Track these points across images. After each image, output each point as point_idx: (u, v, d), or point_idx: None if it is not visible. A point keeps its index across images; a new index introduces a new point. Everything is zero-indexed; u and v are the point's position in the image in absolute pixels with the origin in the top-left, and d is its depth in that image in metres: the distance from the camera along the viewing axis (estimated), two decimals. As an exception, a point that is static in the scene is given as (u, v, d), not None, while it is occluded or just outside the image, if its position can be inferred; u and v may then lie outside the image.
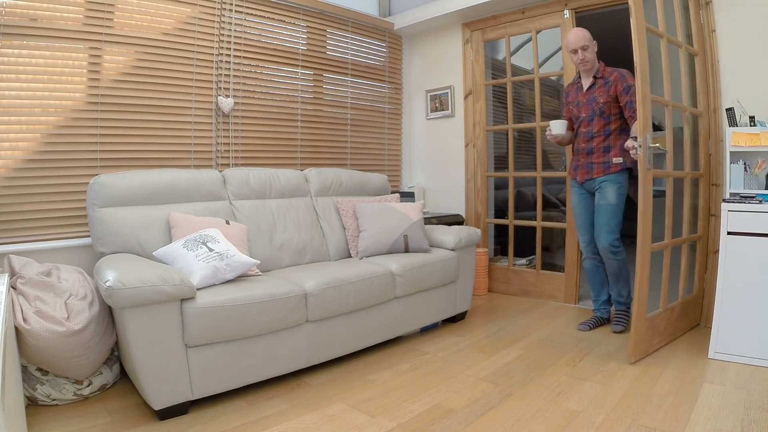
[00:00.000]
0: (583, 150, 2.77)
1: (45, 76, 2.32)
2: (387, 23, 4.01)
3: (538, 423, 1.77)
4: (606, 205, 2.67)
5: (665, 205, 2.55)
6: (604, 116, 2.68)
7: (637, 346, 2.32)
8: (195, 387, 1.86)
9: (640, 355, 2.35)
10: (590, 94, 2.72)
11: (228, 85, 3.03)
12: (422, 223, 2.94)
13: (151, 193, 2.36)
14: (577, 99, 2.79)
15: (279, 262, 2.63)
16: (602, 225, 2.68)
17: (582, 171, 2.79)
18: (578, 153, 2.82)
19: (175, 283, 1.77)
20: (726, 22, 2.65)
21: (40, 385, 1.87)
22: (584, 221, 2.84)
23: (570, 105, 2.85)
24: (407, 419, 1.82)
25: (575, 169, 2.84)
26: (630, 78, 2.59)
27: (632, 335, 2.31)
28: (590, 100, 2.72)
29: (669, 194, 2.51)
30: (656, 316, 2.46)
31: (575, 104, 2.80)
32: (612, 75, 2.65)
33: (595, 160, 2.72)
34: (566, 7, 3.27)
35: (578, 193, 2.85)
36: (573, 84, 2.86)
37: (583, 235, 2.86)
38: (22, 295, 1.85)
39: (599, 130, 2.70)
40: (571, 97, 2.83)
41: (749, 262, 2.24)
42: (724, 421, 1.73)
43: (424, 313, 2.75)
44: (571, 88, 2.86)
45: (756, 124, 2.42)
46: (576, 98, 2.80)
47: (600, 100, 2.67)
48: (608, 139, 2.70)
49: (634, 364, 2.29)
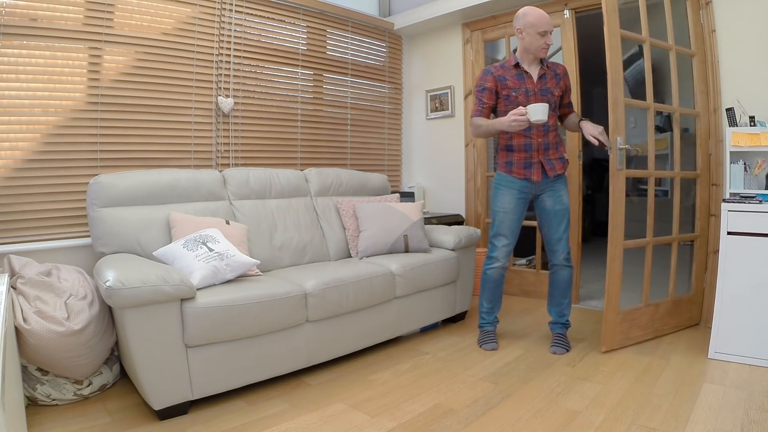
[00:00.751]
0: (540, 145, 2.47)
1: (45, 76, 2.32)
2: (387, 23, 4.01)
3: (538, 423, 1.77)
4: (564, 210, 2.50)
5: (655, 204, 2.57)
6: (556, 110, 2.49)
7: (607, 336, 2.44)
8: (195, 387, 1.86)
9: (614, 345, 2.47)
10: (542, 84, 2.46)
11: (228, 85, 3.03)
12: (422, 223, 2.94)
13: (151, 193, 2.36)
14: (524, 86, 2.45)
15: (279, 262, 2.63)
16: (561, 232, 2.51)
17: (537, 169, 2.48)
18: (529, 150, 2.47)
19: (175, 283, 1.77)
20: (726, 22, 2.65)
21: (40, 385, 1.87)
22: (515, 227, 2.54)
23: (510, 91, 2.46)
24: (407, 419, 1.82)
25: (527, 167, 2.49)
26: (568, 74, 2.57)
27: (603, 325, 2.44)
28: (545, 91, 2.46)
29: (651, 194, 2.64)
30: (635, 309, 2.56)
31: (521, 92, 2.45)
32: (558, 68, 2.50)
33: (552, 156, 2.49)
34: (566, 7, 3.27)
35: (516, 197, 2.51)
36: (506, 68, 2.48)
37: (509, 243, 2.54)
38: (22, 295, 1.85)
39: (552, 124, 2.49)
40: (511, 82, 2.45)
41: (749, 262, 2.24)
42: (724, 421, 1.73)
43: (424, 313, 2.75)
44: (505, 72, 2.47)
45: (756, 124, 2.42)
46: (521, 85, 2.45)
47: (555, 92, 2.47)
48: (557, 135, 2.54)
49: (607, 353, 2.37)
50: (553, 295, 2.62)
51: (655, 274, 2.73)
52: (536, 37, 2.37)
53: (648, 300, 2.62)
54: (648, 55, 2.55)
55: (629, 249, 2.49)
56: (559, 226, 2.51)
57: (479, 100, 2.52)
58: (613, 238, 2.42)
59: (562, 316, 2.59)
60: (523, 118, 2.26)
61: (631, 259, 3.20)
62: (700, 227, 2.81)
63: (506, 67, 2.48)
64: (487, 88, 2.49)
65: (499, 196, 2.56)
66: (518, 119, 2.27)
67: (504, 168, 2.56)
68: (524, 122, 2.27)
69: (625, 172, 2.41)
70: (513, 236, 2.55)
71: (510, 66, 2.47)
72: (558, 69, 2.50)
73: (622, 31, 2.38)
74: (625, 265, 2.47)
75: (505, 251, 2.55)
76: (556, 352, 2.49)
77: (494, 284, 2.60)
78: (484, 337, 2.63)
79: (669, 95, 2.70)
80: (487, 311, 2.65)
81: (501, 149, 2.58)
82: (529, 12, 2.39)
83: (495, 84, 2.48)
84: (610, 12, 2.32)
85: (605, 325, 2.44)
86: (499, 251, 2.55)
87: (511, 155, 2.52)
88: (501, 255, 2.55)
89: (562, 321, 2.60)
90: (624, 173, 2.40)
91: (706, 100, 2.74)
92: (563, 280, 2.56)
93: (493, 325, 2.67)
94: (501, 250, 2.55)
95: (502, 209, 2.54)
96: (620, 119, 2.39)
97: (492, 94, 2.49)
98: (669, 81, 2.66)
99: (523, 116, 2.26)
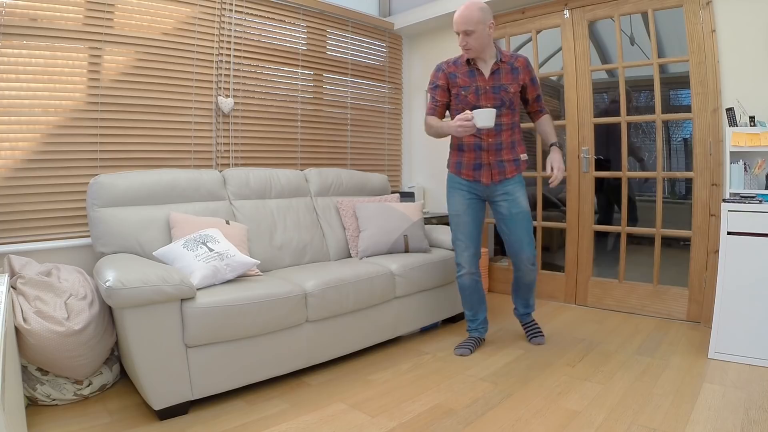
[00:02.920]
0: (491, 146, 2.36)
1: (45, 76, 2.32)
2: (387, 23, 4.01)
3: (538, 423, 1.77)
4: (523, 213, 2.40)
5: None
6: (512, 108, 2.36)
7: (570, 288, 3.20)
8: (195, 387, 1.86)
9: (580, 301, 3.25)
10: (495, 80, 2.31)
11: (228, 85, 3.03)
12: (422, 223, 2.94)
13: (151, 193, 2.36)
14: (475, 84, 2.32)
15: (279, 262, 2.63)
16: (524, 236, 2.41)
17: (487, 171, 2.38)
18: (478, 150, 2.37)
19: (175, 283, 1.77)
20: (726, 22, 2.65)
21: (40, 385, 1.87)
22: (472, 230, 2.42)
23: (460, 89, 2.35)
24: (407, 419, 1.82)
25: (476, 168, 2.39)
26: (532, 68, 2.42)
27: (565, 276, 3.23)
28: (497, 88, 2.32)
29: (624, 191, 3.14)
30: (608, 282, 3.19)
31: (471, 90, 2.32)
32: (517, 60, 2.35)
33: (505, 158, 2.38)
34: (566, 7, 3.27)
35: (467, 198, 2.42)
36: (458, 65, 2.35)
37: (468, 247, 2.42)
38: (22, 295, 1.85)
39: (508, 123, 2.37)
40: (461, 80, 2.34)
41: (749, 262, 2.24)
42: (724, 421, 1.73)
43: (424, 313, 2.75)
44: (456, 69, 2.35)
45: (756, 124, 2.42)
46: (471, 83, 2.33)
47: (510, 89, 2.33)
48: (514, 134, 2.41)
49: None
50: (518, 293, 2.63)
51: (645, 270, 3.07)
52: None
53: (624, 279, 3.14)
54: (623, 81, 3.04)
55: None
56: (519, 231, 2.41)
57: (432, 98, 2.42)
58: (582, 222, 3.30)
59: (530, 306, 2.66)
60: (469, 124, 2.13)
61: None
62: (696, 226, 2.82)
63: (458, 63, 2.37)
64: (439, 85, 2.39)
65: (450, 198, 2.48)
66: (464, 125, 2.14)
67: (453, 168, 2.47)
68: (471, 128, 2.14)
69: (593, 174, 3.20)
70: (471, 240, 2.43)
71: (462, 62, 2.35)
72: (516, 62, 2.36)
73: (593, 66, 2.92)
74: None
75: (466, 256, 2.43)
76: (540, 342, 2.59)
77: (469, 291, 2.50)
78: (463, 341, 2.58)
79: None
80: (470, 318, 2.60)
81: (452, 148, 2.50)
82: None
83: (446, 81, 2.37)
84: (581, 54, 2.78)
85: (567, 276, 3.24)
86: (461, 257, 2.45)
87: (461, 155, 2.44)
88: (464, 261, 2.44)
89: (529, 310, 2.66)
90: (591, 175, 3.21)
91: (705, 100, 2.74)
92: (529, 282, 2.53)
93: (478, 330, 2.59)
94: (462, 256, 2.44)
95: (455, 212, 2.46)
96: (586, 135, 3.20)
97: (444, 92, 2.39)
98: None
99: (470, 122, 2.13)
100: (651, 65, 2.95)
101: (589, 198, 3.22)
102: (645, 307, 3.07)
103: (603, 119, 3.29)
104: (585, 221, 3.25)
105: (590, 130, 3.24)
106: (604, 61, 3.74)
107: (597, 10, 3.15)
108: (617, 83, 3.11)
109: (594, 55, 3.30)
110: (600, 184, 3.97)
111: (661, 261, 3.00)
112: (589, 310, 3.24)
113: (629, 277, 3.15)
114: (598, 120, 3.27)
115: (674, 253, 3.42)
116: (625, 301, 3.15)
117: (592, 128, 3.23)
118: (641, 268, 3.18)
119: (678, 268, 3.08)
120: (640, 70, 3.22)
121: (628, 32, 3.79)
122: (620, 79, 3.06)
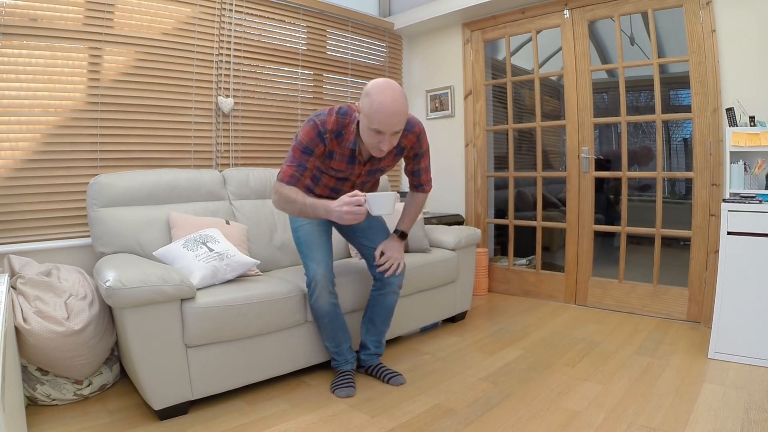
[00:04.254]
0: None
1: (45, 76, 2.32)
2: (387, 23, 4.01)
3: (538, 423, 1.77)
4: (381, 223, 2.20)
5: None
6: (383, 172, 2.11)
7: (570, 288, 3.21)
8: (195, 387, 1.86)
9: (580, 301, 3.26)
10: (373, 165, 2.00)
11: (228, 85, 3.03)
12: (422, 223, 2.94)
13: (151, 193, 2.36)
14: (350, 171, 1.96)
15: (279, 262, 2.63)
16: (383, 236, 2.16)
17: None
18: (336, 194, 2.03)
19: (175, 283, 1.77)
20: (726, 22, 2.65)
21: (40, 385, 1.87)
22: (324, 247, 2.05)
23: (330, 169, 1.95)
24: (407, 419, 1.82)
25: None
26: (425, 137, 2.01)
27: (565, 276, 3.28)
28: (372, 172, 2.04)
29: (624, 192, 3.15)
30: (608, 282, 3.20)
31: (344, 171, 1.96)
32: (406, 138, 1.93)
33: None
34: (566, 7, 3.27)
35: (308, 222, 2.07)
36: (341, 144, 1.87)
37: (319, 265, 1.99)
38: (22, 295, 1.85)
39: (373, 185, 2.18)
40: (337, 163, 1.92)
41: (749, 262, 2.24)
42: (724, 421, 1.73)
43: (424, 313, 2.75)
44: (338, 148, 1.88)
45: (756, 124, 2.42)
46: (348, 170, 1.95)
47: (385, 169, 2.07)
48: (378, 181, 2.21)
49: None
50: (374, 322, 2.17)
51: (644, 271, 3.10)
52: (368, 132, 1.76)
53: (624, 280, 3.15)
54: (623, 81, 3.02)
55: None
56: (380, 237, 2.13)
57: (297, 162, 1.84)
58: (582, 222, 3.30)
59: (380, 346, 2.23)
60: (361, 210, 1.72)
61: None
62: (696, 227, 2.83)
63: (342, 142, 1.87)
64: (314, 153, 1.85)
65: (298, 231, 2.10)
66: (354, 211, 1.71)
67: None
68: (362, 215, 1.73)
69: (593, 174, 3.23)
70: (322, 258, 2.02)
71: (347, 144, 1.87)
72: (404, 140, 1.93)
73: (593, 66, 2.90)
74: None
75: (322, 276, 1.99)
76: (402, 382, 2.12)
77: (330, 317, 2.06)
78: (338, 380, 2.09)
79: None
80: (335, 350, 2.14)
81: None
82: (373, 91, 1.71)
83: (322, 153, 1.89)
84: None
85: (567, 275, 3.28)
86: (318, 277, 2.00)
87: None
88: (321, 281, 2.00)
89: (380, 351, 2.24)
90: (591, 175, 3.24)
91: (705, 100, 2.74)
92: (390, 306, 2.16)
93: (350, 363, 2.15)
94: (319, 277, 2.00)
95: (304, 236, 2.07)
96: (586, 135, 3.23)
97: (314, 160, 1.89)
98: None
99: (362, 207, 1.72)
100: (651, 65, 2.95)
101: (589, 198, 3.25)
102: (645, 307, 3.07)
103: (603, 119, 3.31)
104: (585, 221, 3.27)
105: (590, 130, 3.24)
106: (604, 61, 3.75)
107: (597, 10, 3.15)
108: (617, 83, 3.11)
109: (594, 55, 3.31)
110: (600, 184, 3.99)
111: (661, 261, 3.01)
112: (589, 310, 3.24)
113: (629, 277, 3.15)
114: (598, 120, 3.29)
115: (674, 253, 3.43)
116: (625, 301, 3.15)
117: (592, 128, 3.24)
118: (641, 268, 3.19)
119: (678, 268, 3.08)
120: (640, 70, 3.23)
121: (628, 32, 3.80)
122: (620, 79, 3.06)
